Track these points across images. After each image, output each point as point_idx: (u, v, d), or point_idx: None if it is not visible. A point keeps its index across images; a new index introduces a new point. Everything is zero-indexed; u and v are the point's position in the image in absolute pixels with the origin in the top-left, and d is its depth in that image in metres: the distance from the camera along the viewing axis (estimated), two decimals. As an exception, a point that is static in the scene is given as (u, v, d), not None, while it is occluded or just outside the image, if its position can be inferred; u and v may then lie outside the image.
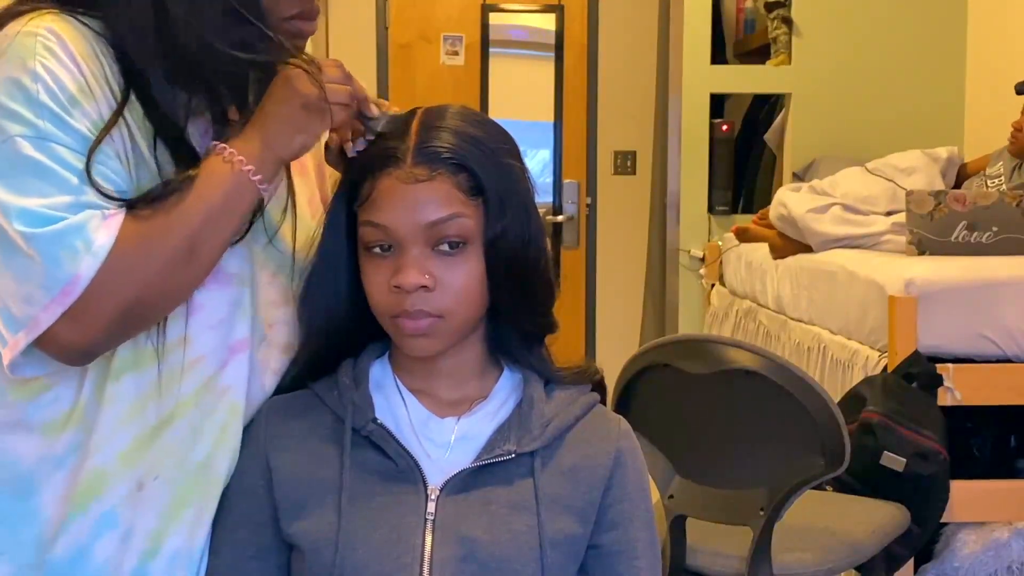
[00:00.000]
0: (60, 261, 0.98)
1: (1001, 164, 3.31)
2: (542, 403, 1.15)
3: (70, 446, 1.07)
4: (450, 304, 1.09)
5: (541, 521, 1.09)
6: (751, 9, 4.69)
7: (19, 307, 0.99)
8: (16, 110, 0.99)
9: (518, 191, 1.12)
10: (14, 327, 1.00)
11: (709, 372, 2.00)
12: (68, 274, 0.98)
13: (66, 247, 0.98)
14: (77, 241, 0.98)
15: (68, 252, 0.98)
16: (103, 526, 1.07)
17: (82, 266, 0.98)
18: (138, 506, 1.08)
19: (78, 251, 0.98)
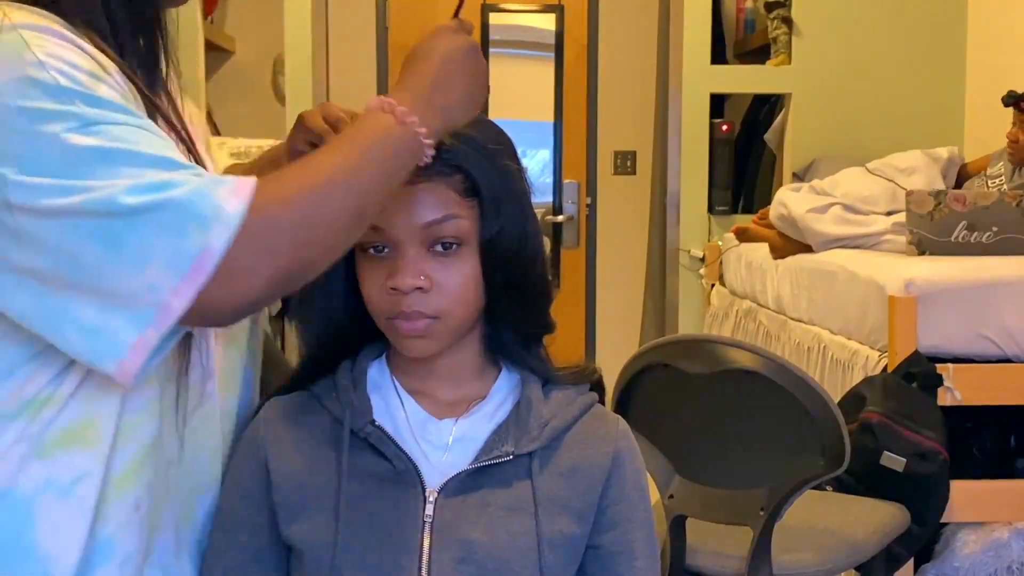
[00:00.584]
0: (186, 232, 0.86)
1: (1002, 164, 3.31)
2: (540, 404, 1.14)
3: (74, 472, 0.97)
4: (446, 305, 1.09)
5: (539, 523, 1.09)
6: (751, 9, 4.69)
7: (141, 300, 0.87)
8: (43, 108, 0.88)
9: (514, 192, 1.12)
10: (138, 326, 0.88)
11: (709, 372, 2.00)
12: (196, 247, 0.86)
13: (190, 215, 0.86)
14: (204, 207, 0.86)
15: (193, 222, 0.86)
16: (102, 555, 0.99)
17: (213, 237, 0.86)
18: (134, 528, 1.02)
19: (205, 219, 0.86)
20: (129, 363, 0.88)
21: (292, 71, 4.30)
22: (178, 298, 0.87)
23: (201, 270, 0.86)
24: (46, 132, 0.87)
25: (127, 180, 0.86)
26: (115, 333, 0.88)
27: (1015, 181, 3.19)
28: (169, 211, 0.86)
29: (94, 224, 0.86)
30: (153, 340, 0.88)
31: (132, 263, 0.86)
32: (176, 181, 0.87)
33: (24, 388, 0.94)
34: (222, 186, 0.88)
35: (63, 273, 0.87)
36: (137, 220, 0.85)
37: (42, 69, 0.89)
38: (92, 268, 0.87)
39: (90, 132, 0.88)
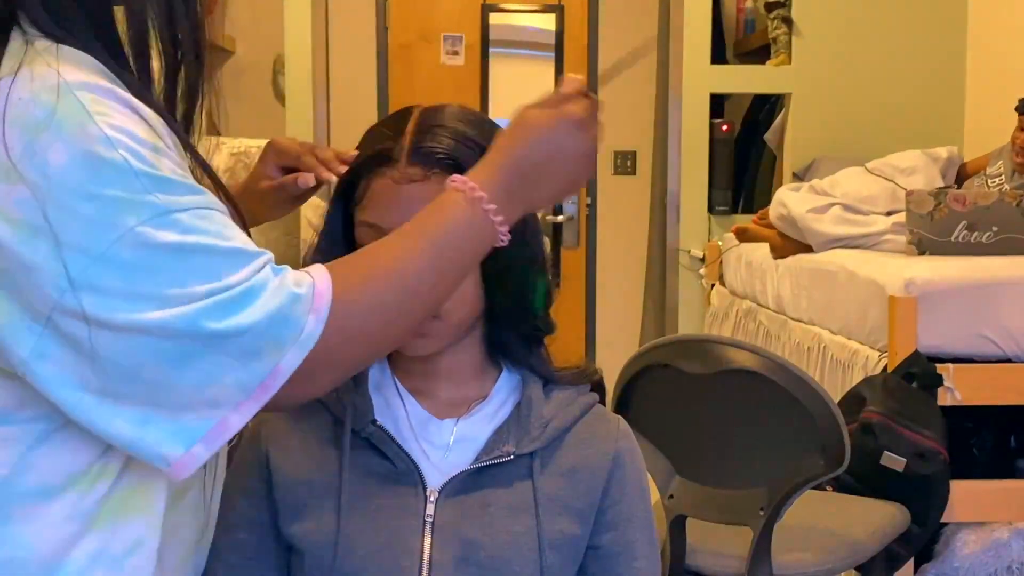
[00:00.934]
0: (262, 355, 0.81)
1: (1001, 163, 3.31)
2: (541, 404, 1.14)
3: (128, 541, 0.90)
4: (444, 306, 1.09)
5: (540, 523, 1.09)
6: (751, 9, 4.69)
7: (195, 413, 0.82)
8: (116, 196, 0.78)
9: None
10: (186, 440, 0.82)
11: (709, 372, 2.00)
12: (268, 367, 0.82)
13: (268, 337, 0.81)
14: (282, 328, 0.82)
15: (272, 344, 0.82)
16: None
17: (286, 358, 0.82)
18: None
19: (282, 340, 0.82)
20: (173, 474, 0.84)
21: (292, 71, 4.30)
22: (240, 415, 0.83)
23: (268, 389, 0.83)
24: (119, 224, 0.79)
25: (204, 287, 0.80)
26: (156, 448, 0.82)
27: (1015, 180, 3.19)
28: (249, 336, 0.81)
29: (169, 345, 0.80)
30: (203, 457, 0.83)
31: (198, 381, 0.81)
32: (254, 290, 0.82)
33: (65, 459, 0.86)
34: (299, 303, 0.83)
35: (111, 385, 0.81)
36: (215, 345, 0.80)
37: (110, 147, 0.80)
38: (150, 382, 0.81)
39: (163, 225, 0.80)
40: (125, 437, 0.82)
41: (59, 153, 0.79)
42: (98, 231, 0.79)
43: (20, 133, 0.79)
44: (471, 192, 0.93)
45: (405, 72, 5.01)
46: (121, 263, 0.79)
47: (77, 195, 0.78)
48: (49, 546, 0.86)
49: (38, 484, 0.86)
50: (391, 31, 4.98)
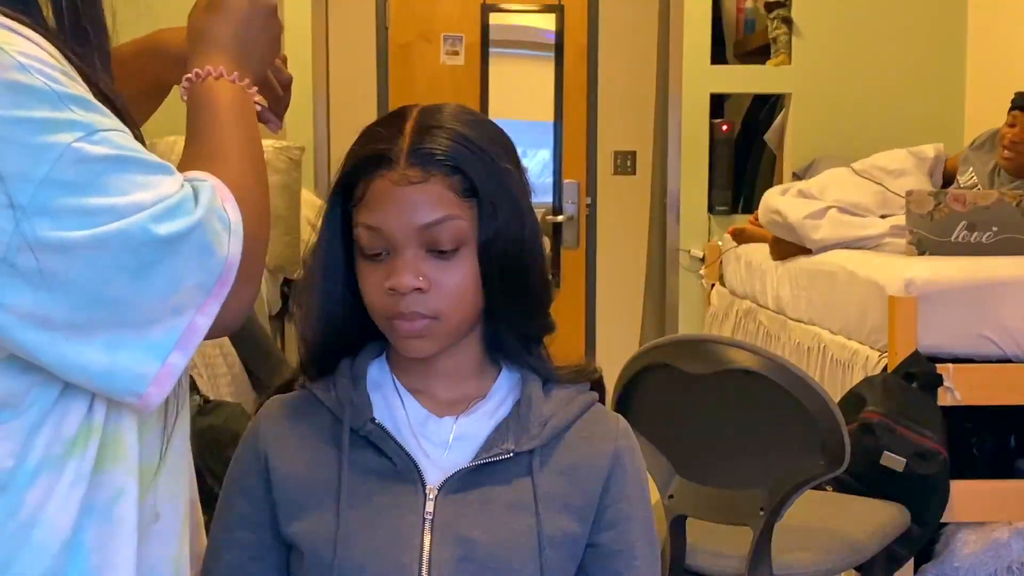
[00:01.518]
0: (211, 250, 0.84)
1: (972, 171, 3.29)
2: (540, 402, 1.15)
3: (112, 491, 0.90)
4: (444, 305, 1.09)
5: (540, 520, 1.09)
6: (751, 9, 4.69)
7: (164, 326, 0.83)
8: (44, 117, 0.79)
9: (512, 193, 1.12)
10: (160, 354, 0.84)
11: (709, 372, 2.00)
12: (220, 262, 0.85)
13: (212, 232, 0.85)
14: (216, 223, 0.85)
15: (215, 238, 0.85)
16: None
17: (231, 248, 0.86)
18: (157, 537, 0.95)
19: (220, 233, 0.85)
20: (152, 395, 0.85)
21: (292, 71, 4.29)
22: (205, 315, 0.85)
23: (226, 282, 0.86)
24: (56, 143, 0.79)
25: (146, 196, 0.82)
26: (133, 369, 0.83)
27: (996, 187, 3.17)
28: (197, 234, 0.84)
29: (127, 257, 0.81)
30: (181, 365, 0.85)
31: (161, 290, 0.83)
32: (187, 195, 0.85)
33: (61, 430, 0.87)
34: (216, 197, 0.87)
35: (76, 312, 0.81)
36: (171, 249, 0.82)
37: (26, 73, 0.80)
38: (115, 301, 0.82)
39: (97, 141, 0.81)
40: (98, 367, 0.83)
41: None
42: (36, 154, 0.78)
43: None
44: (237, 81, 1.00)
45: (405, 72, 5.01)
46: (66, 182, 0.79)
47: (6, 123, 0.78)
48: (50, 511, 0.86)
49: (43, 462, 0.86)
50: (391, 31, 4.98)
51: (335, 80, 4.60)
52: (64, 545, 0.87)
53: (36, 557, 0.86)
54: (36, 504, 0.86)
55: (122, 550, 0.90)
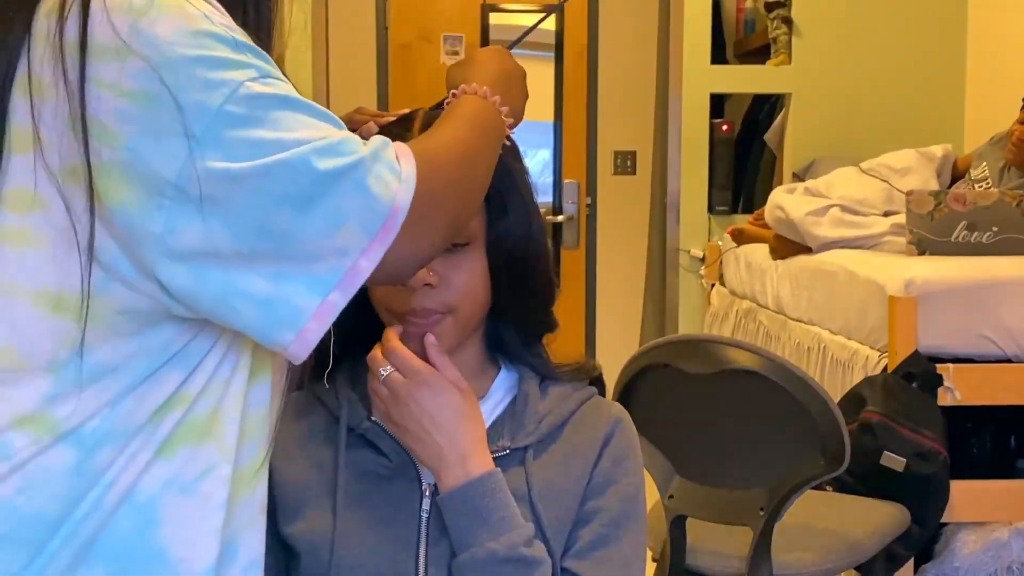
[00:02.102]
0: (375, 194, 0.86)
1: (985, 165, 3.29)
2: (536, 400, 1.15)
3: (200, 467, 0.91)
4: (455, 301, 1.10)
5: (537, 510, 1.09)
6: (751, 9, 4.69)
7: (327, 264, 0.85)
8: (223, 56, 0.84)
9: (519, 191, 1.13)
10: (321, 290, 0.86)
11: (709, 372, 2.00)
12: (386, 207, 0.86)
13: (375, 176, 0.86)
14: (383, 169, 0.87)
15: (379, 182, 0.86)
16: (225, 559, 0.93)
17: (398, 196, 0.87)
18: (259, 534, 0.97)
19: (388, 180, 0.87)
20: (310, 332, 0.86)
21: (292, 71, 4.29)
22: (368, 259, 0.87)
23: (391, 229, 0.87)
24: (231, 79, 0.84)
25: (311, 133, 0.85)
26: (294, 301, 0.85)
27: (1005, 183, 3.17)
28: (358, 174, 0.86)
29: (291, 188, 0.83)
30: (339, 305, 0.87)
31: (324, 225, 0.85)
32: (354, 141, 0.88)
33: (149, 398, 0.89)
34: (388, 148, 0.90)
35: (244, 241, 0.84)
36: (331, 184, 0.84)
37: (209, 21, 0.86)
38: (281, 233, 0.84)
39: (266, 82, 0.86)
40: (262, 295, 0.85)
41: (165, 27, 0.84)
42: (212, 88, 0.83)
43: (124, 16, 0.84)
44: (491, 98, 1.06)
45: (405, 72, 5.01)
46: (237, 115, 0.83)
47: (188, 58, 0.83)
48: (126, 475, 0.88)
49: (124, 426, 0.88)
50: (391, 31, 4.98)
51: (335, 80, 4.60)
52: (132, 510, 0.88)
53: (100, 519, 0.87)
54: (104, 465, 0.87)
55: (202, 525, 0.91)
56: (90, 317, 0.86)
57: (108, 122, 0.83)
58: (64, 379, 0.86)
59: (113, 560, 0.88)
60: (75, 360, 0.86)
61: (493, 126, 1.05)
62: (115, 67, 0.83)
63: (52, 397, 0.86)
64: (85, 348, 0.86)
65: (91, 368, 0.87)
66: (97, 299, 0.86)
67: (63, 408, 0.86)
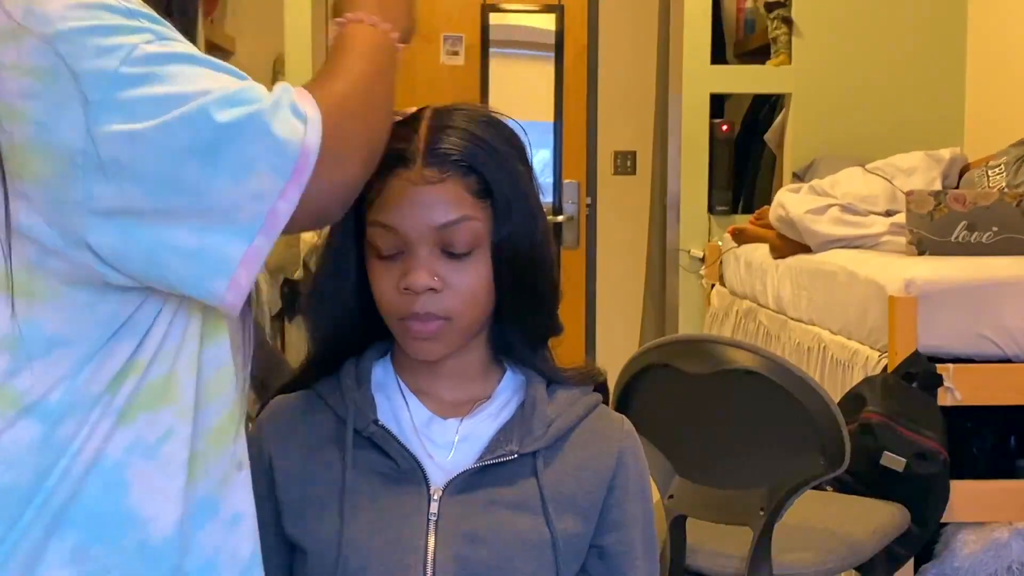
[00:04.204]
0: (282, 137, 0.88)
1: (1005, 157, 3.29)
2: (544, 404, 1.15)
3: (160, 430, 0.95)
4: (458, 306, 1.09)
5: (550, 520, 1.09)
6: (751, 9, 4.69)
7: (247, 210, 0.88)
8: (117, 24, 0.87)
9: (526, 194, 1.12)
10: (246, 236, 0.88)
11: (709, 372, 2.00)
12: (295, 148, 0.88)
13: (281, 120, 0.89)
14: (287, 113, 0.89)
15: (285, 125, 0.89)
16: (200, 516, 0.98)
17: (307, 136, 0.89)
18: (241, 487, 1.01)
19: (293, 123, 0.89)
20: (241, 278, 0.89)
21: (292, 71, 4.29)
22: (285, 200, 0.89)
23: (303, 170, 0.89)
24: (125, 43, 0.86)
25: (210, 84, 0.87)
26: (221, 249, 0.88)
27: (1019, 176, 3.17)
28: (261, 120, 0.88)
29: (190, 140, 0.86)
30: (265, 249, 0.89)
31: (233, 174, 0.87)
32: (254, 89, 0.90)
33: (105, 367, 0.93)
34: (289, 92, 0.92)
35: (159, 199, 0.87)
36: (234, 132, 0.87)
37: None
38: (192, 187, 0.87)
39: (163, 44, 0.89)
40: (189, 247, 0.88)
41: (56, 3, 0.87)
42: (107, 54, 0.86)
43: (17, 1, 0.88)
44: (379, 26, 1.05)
45: (405, 72, 4.99)
46: (134, 76, 0.86)
47: (80, 29, 0.86)
48: (91, 444, 0.92)
49: (83, 397, 0.92)
50: (391, 31, 4.98)
51: (335, 80, 4.59)
52: (100, 477, 0.93)
53: (70, 487, 0.92)
54: (68, 437, 0.91)
55: (168, 486, 0.95)
56: (37, 291, 0.90)
57: (14, 103, 0.86)
58: (19, 354, 0.90)
59: (85, 525, 0.92)
60: (27, 334, 0.90)
61: (384, 53, 1.05)
62: (13, 49, 0.86)
63: (11, 372, 0.90)
64: (40, 322, 0.90)
65: (45, 341, 0.91)
66: (37, 275, 0.90)
67: (22, 381, 0.90)
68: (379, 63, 1.03)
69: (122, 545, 0.94)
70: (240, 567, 1.00)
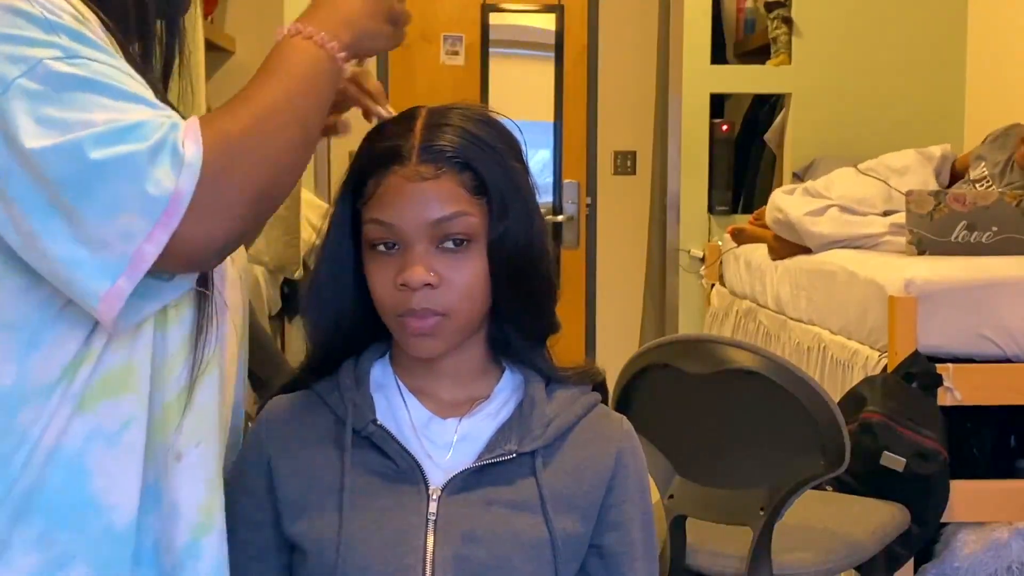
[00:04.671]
0: (155, 180, 0.87)
1: (984, 165, 3.29)
2: (543, 403, 1.15)
3: (121, 418, 0.97)
4: (454, 302, 1.09)
5: (549, 520, 1.09)
6: (751, 9, 4.69)
7: (113, 248, 0.88)
8: (28, 35, 0.89)
9: (521, 191, 1.13)
10: (109, 275, 0.88)
11: (709, 372, 2.00)
12: (166, 192, 0.87)
13: (157, 163, 0.87)
14: (165, 156, 0.88)
15: (160, 169, 0.87)
16: (148, 502, 0.99)
17: (180, 181, 0.87)
18: (179, 478, 1.01)
19: (168, 167, 0.88)
20: (103, 313, 0.90)
21: (292, 71, 4.29)
22: (152, 244, 0.88)
23: (172, 214, 0.88)
24: (30, 57, 0.88)
25: (101, 116, 0.87)
26: (86, 281, 0.89)
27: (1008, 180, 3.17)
28: (135, 161, 0.87)
29: (63, 172, 0.86)
30: (126, 290, 0.89)
31: (103, 212, 0.87)
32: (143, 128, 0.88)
33: (57, 353, 0.95)
34: (175, 131, 0.89)
35: (37, 218, 0.88)
36: (105, 172, 0.86)
37: (30, 3, 0.90)
38: (66, 215, 0.88)
39: (72, 63, 0.89)
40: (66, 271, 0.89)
41: None
42: (11, 63, 0.88)
43: None
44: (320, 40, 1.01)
45: (405, 72, 5.01)
46: (31, 91, 0.87)
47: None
48: (51, 432, 0.95)
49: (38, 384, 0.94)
50: (391, 31, 4.97)
51: (335, 80, 4.59)
52: (61, 465, 0.95)
53: (33, 475, 0.94)
54: (27, 425, 0.94)
55: (128, 473, 0.97)
56: None
57: None
58: None
59: (49, 513, 0.95)
60: None
61: (319, 72, 1.00)
62: None
63: None
64: None
65: None
66: None
67: None
68: (308, 84, 0.99)
69: (87, 531, 0.96)
70: (174, 558, 1.01)
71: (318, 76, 1.00)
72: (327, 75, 1.01)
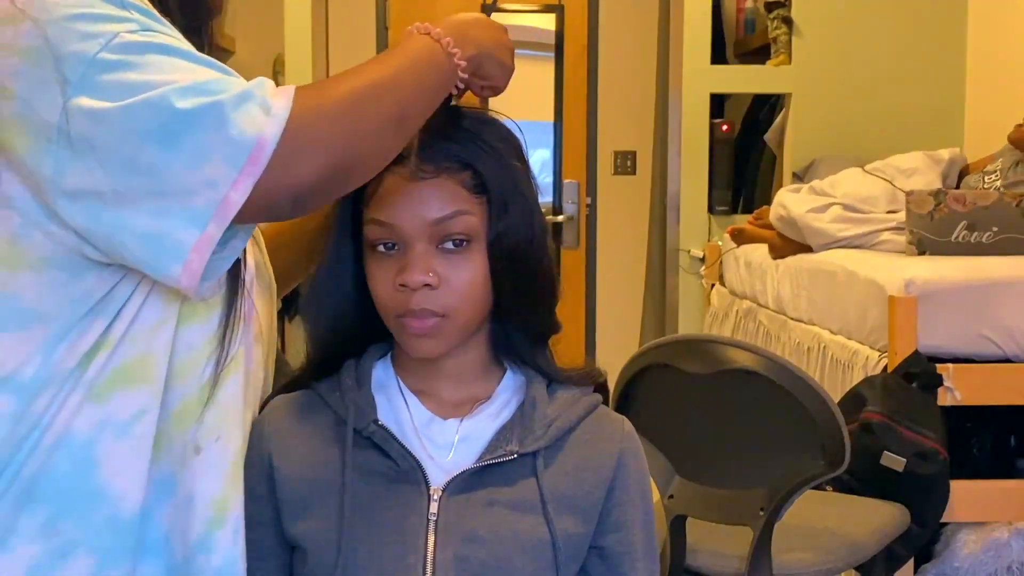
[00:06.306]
0: (240, 127, 0.89)
1: (1001, 160, 3.29)
2: (544, 404, 1.15)
3: (133, 409, 0.98)
4: (454, 302, 1.09)
5: (550, 520, 1.09)
6: (751, 9, 4.69)
7: (200, 197, 0.89)
8: (104, 12, 0.92)
9: (522, 191, 1.13)
10: (198, 223, 0.90)
11: (709, 372, 2.00)
12: (250, 140, 0.89)
13: (242, 110, 0.90)
14: (252, 105, 0.90)
15: (244, 117, 0.90)
16: (161, 493, 1.01)
17: (265, 130, 0.90)
18: (197, 470, 1.02)
19: (254, 115, 0.90)
20: (193, 263, 0.91)
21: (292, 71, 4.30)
22: (237, 191, 0.90)
23: (257, 162, 0.90)
24: (108, 31, 0.91)
25: (181, 75, 0.90)
26: (175, 234, 0.90)
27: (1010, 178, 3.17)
28: (220, 110, 0.89)
29: (150, 123, 0.89)
30: (215, 236, 0.91)
31: (189, 160, 0.89)
32: (224, 82, 0.91)
33: (79, 343, 0.96)
34: (263, 86, 0.93)
35: (119, 180, 0.90)
36: (191, 120, 0.89)
37: None
38: (150, 169, 0.89)
39: (145, 35, 0.93)
40: (145, 229, 0.90)
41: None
42: (89, 38, 0.91)
43: None
44: (438, 37, 1.05)
45: (405, 72, 5.00)
46: (111, 62, 0.90)
47: (70, 15, 0.91)
48: (60, 417, 0.96)
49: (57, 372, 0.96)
50: (391, 31, 4.98)
51: (335, 80, 4.59)
52: (69, 452, 0.96)
53: (41, 461, 0.95)
54: (41, 410, 0.95)
55: (137, 464, 0.99)
56: (16, 264, 0.95)
57: (4, 80, 0.92)
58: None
59: (54, 500, 0.96)
60: (3, 305, 0.95)
61: (433, 68, 1.04)
62: (10, 31, 0.92)
63: None
64: (19, 295, 0.95)
65: (21, 314, 0.95)
66: (20, 246, 0.94)
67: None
68: (418, 70, 1.02)
69: (91, 521, 0.97)
70: (188, 546, 1.02)
71: (431, 67, 1.04)
72: (440, 68, 1.05)
